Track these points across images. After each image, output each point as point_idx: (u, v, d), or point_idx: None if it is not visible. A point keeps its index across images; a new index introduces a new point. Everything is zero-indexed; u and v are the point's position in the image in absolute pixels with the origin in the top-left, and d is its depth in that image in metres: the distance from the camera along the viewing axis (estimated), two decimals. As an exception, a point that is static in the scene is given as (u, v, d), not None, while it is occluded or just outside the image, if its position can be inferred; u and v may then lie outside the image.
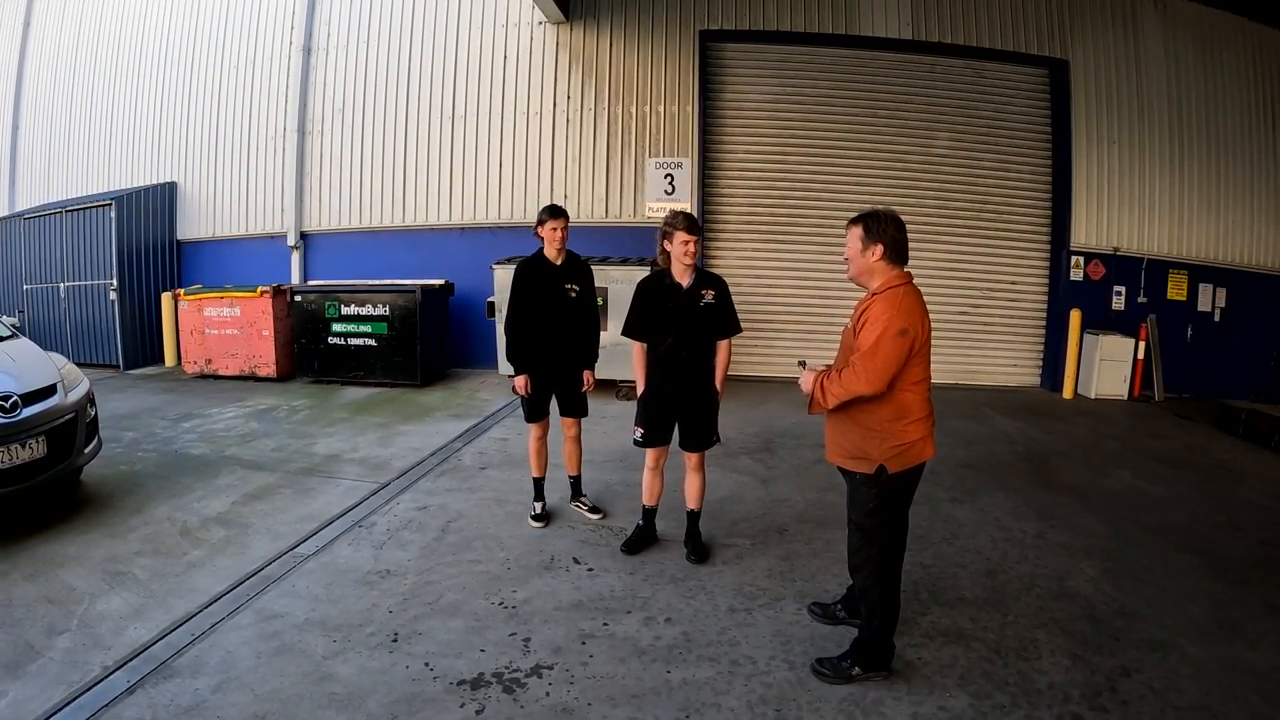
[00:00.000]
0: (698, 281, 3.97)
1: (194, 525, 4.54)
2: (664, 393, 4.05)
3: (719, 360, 4.06)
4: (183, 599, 3.62)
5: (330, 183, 10.11)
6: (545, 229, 4.45)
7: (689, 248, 3.86)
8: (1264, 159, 9.62)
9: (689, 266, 3.94)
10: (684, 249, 3.86)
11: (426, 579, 3.85)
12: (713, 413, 4.09)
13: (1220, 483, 6.00)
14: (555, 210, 4.46)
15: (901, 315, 2.80)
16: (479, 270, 8.75)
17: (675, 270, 3.96)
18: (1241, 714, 2.94)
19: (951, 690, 3.01)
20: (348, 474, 5.50)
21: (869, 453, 2.93)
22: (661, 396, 4.05)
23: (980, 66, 9.32)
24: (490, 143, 9.59)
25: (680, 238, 3.86)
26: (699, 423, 4.06)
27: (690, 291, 3.94)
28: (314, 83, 10.13)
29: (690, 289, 3.95)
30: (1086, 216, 9.31)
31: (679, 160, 9.24)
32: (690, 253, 3.87)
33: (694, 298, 3.94)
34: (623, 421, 6.89)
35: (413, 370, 8.57)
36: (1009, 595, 3.87)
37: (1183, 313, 9.54)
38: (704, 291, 3.95)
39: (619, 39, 9.36)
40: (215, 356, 9.02)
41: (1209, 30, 9.42)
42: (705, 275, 4.04)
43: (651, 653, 3.22)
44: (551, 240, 4.45)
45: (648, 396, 4.10)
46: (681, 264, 3.92)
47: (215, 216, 10.65)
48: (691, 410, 4.05)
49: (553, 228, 4.42)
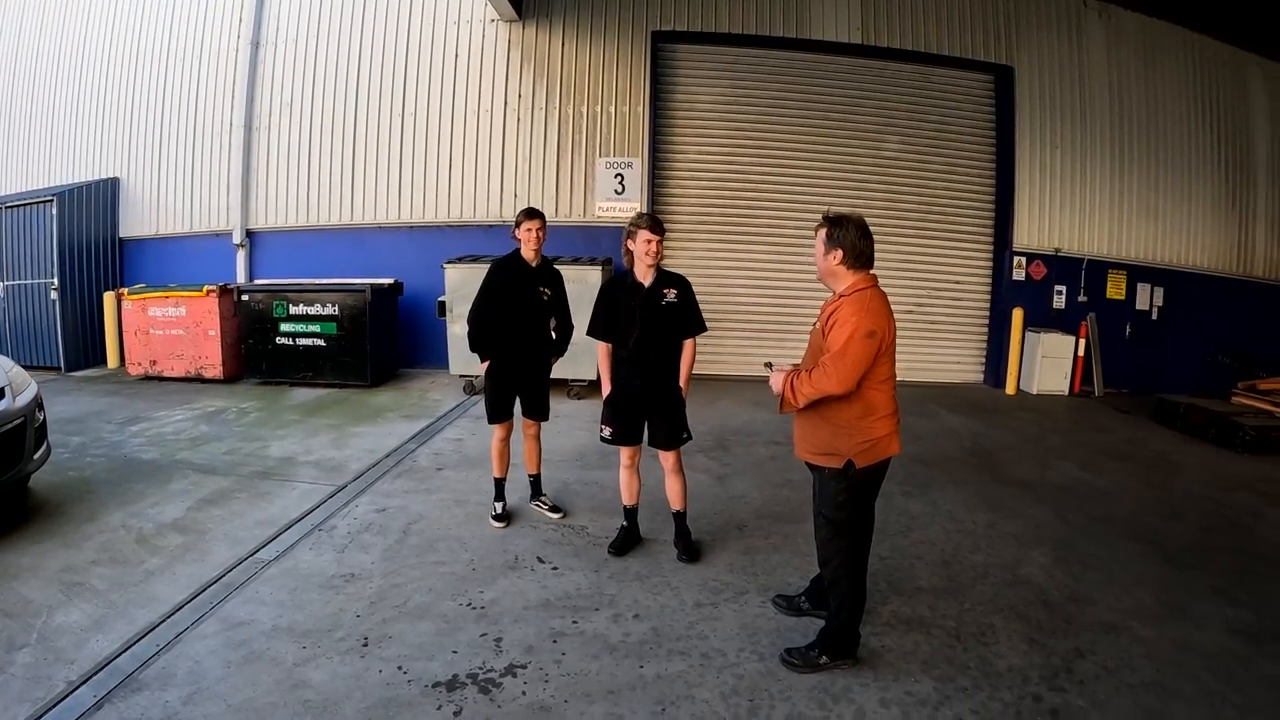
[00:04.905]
0: (659, 280, 3.99)
1: (150, 532, 4.38)
2: (629, 393, 4.05)
3: (683, 360, 4.07)
4: (144, 609, 3.49)
5: (277, 179, 9.84)
6: (522, 230, 4.44)
7: (651, 247, 3.89)
8: (1201, 164, 10.06)
9: (651, 266, 3.97)
10: (647, 248, 3.89)
11: (392, 581, 3.80)
12: (679, 411, 4.10)
13: (1161, 473, 6.28)
14: (532, 212, 4.46)
15: (869, 317, 2.87)
16: (428, 269, 8.64)
17: (638, 270, 3.99)
18: (1193, 689, 3.09)
19: (916, 675, 3.10)
20: (303, 477, 5.38)
21: (838, 449, 3.00)
22: (626, 397, 4.06)
23: (929, 71, 9.53)
24: (440, 141, 9.46)
25: (643, 236, 3.88)
26: (666, 421, 4.07)
27: (652, 291, 3.97)
28: (262, 77, 9.84)
29: (652, 288, 3.97)
30: (1029, 218, 9.62)
31: (629, 160, 9.23)
32: (653, 252, 3.90)
33: (656, 297, 3.96)
34: (576, 420, 6.94)
35: (363, 371, 8.43)
36: (965, 583, 3.99)
37: (1121, 311, 9.91)
38: (666, 290, 3.98)
39: (571, 38, 9.32)
40: (160, 358, 8.72)
41: (1151, 39, 9.81)
42: (667, 275, 4.05)
43: (623, 649, 3.24)
44: (528, 241, 4.43)
45: (613, 397, 4.10)
46: (644, 263, 3.94)
47: (159, 213, 10.27)
48: (657, 410, 4.06)
49: (529, 229, 4.41)
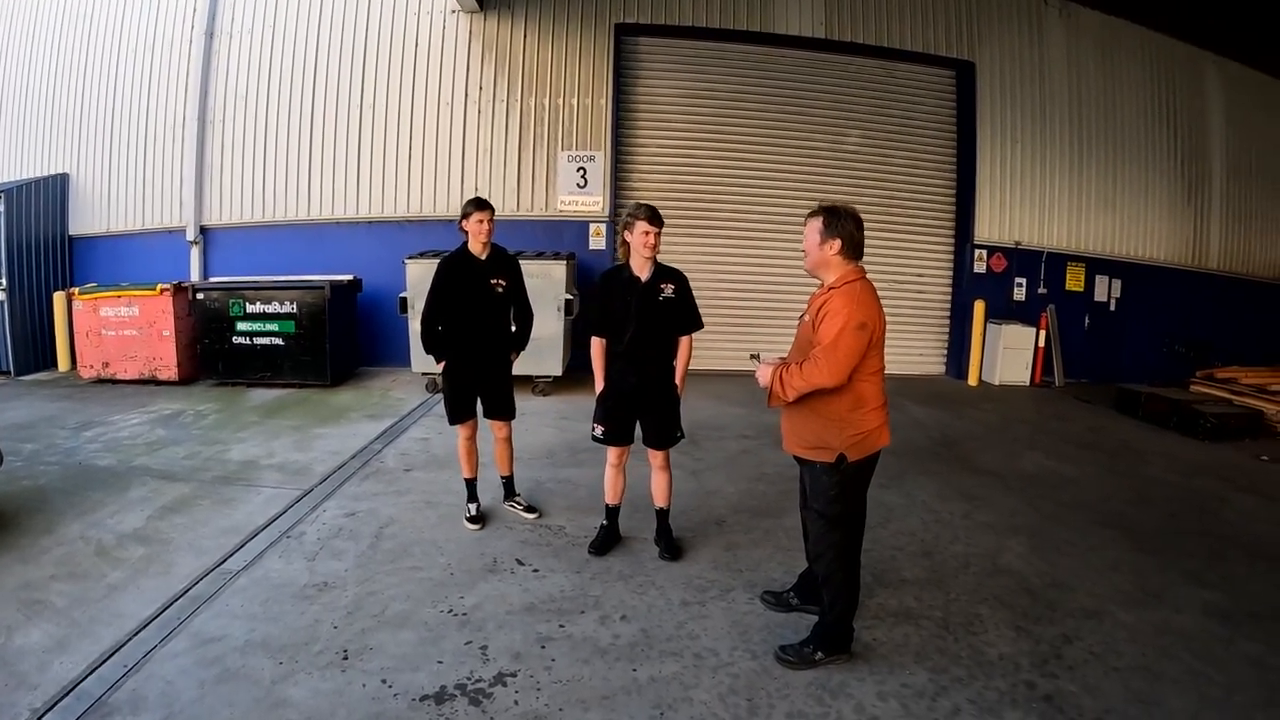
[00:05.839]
0: (657, 275, 3.88)
1: (110, 544, 4.13)
2: (623, 390, 3.94)
3: (679, 357, 3.99)
4: (109, 627, 3.27)
5: (232, 174, 9.47)
6: (470, 222, 4.22)
7: (649, 239, 3.76)
8: (1157, 159, 10.36)
9: (648, 259, 3.85)
10: (644, 240, 3.76)
11: (368, 589, 3.64)
12: (674, 410, 4.01)
13: (1125, 461, 6.43)
14: (480, 203, 4.24)
15: (861, 309, 2.84)
16: (388, 265, 8.42)
17: (634, 263, 3.87)
18: (1177, 671, 3.16)
19: (910, 667, 3.10)
20: (267, 481, 5.16)
21: (829, 442, 2.96)
22: (621, 394, 3.95)
23: (891, 66, 9.62)
24: (400, 134, 9.21)
25: (641, 228, 3.76)
26: (660, 420, 3.98)
27: (649, 285, 3.85)
28: (216, 69, 9.45)
29: (649, 282, 3.86)
30: (990, 212, 9.78)
31: (592, 153, 9.12)
32: (650, 244, 3.77)
33: (653, 291, 3.85)
34: (543, 417, 6.82)
35: (323, 370, 8.18)
36: (947, 574, 4.02)
37: (1080, 303, 10.16)
38: (663, 285, 3.87)
39: (533, 30, 9.16)
40: (113, 359, 8.34)
41: (1110, 37, 10.05)
42: (664, 270, 3.94)
43: (614, 652, 3.15)
44: (477, 234, 4.23)
45: (607, 394, 3.99)
46: (641, 256, 3.82)
47: (110, 210, 9.82)
48: (652, 409, 3.96)
49: (479, 220, 4.20)
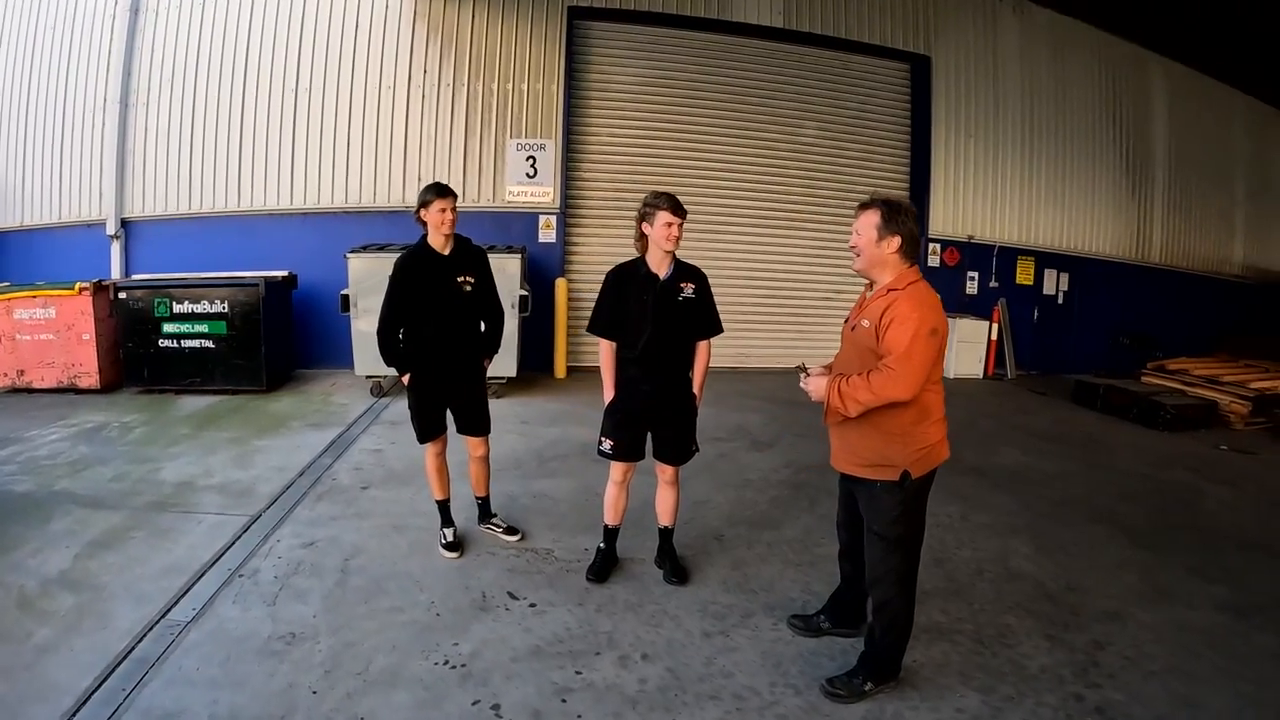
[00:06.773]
0: (676, 273, 3.50)
1: (34, 592, 3.46)
2: (636, 400, 3.54)
3: (698, 363, 3.62)
4: (42, 705, 2.65)
5: (157, 162, 8.64)
6: (431, 211, 3.71)
7: (672, 231, 3.37)
8: (1104, 156, 10.70)
9: (668, 254, 3.46)
10: (666, 232, 3.37)
11: (344, 640, 3.12)
12: (690, 422, 3.65)
13: (1097, 454, 6.48)
14: (441, 189, 3.74)
15: (931, 314, 2.58)
16: (326, 259, 7.81)
17: (652, 258, 3.47)
18: (1206, 670, 3.12)
19: (959, 689, 2.92)
20: (208, 506, 4.52)
21: (892, 459, 2.69)
22: (633, 405, 3.55)
23: (847, 59, 9.57)
24: (338, 119, 8.56)
25: (663, 219, 3.36)
26: (676, 434, 3.61)
27: (669, 284, 3.47)
28: (141, 48, 8.58)
29: (668, 281, 3.47)
30: (944, 206, 9.87)
31: (542, 141, 8.72)
32: (673, 237, 3.38)
33: (673, 291, 3.47)
34: (503, 423, 6.18)
35: (257, 374, 7.52)
36: (964, 582, 3.86)
37: (1030, 296, 10.42)
38: (683, 284, 3.48)
39: (481, 11, 8.65)
40: (29, 366, 7.47)
41: (1061, 35, 10.30)
42: (684, 267, 3.55)
43: (645, 701, 2.79)
44: (439, 225, 3.74)
45: (618, 404, 3.58)
46: (661, 250, 3.43)
47: (24, 202, 8.90)
48: (668, 421, 3.59)
49: (440, 209, 3.70)
